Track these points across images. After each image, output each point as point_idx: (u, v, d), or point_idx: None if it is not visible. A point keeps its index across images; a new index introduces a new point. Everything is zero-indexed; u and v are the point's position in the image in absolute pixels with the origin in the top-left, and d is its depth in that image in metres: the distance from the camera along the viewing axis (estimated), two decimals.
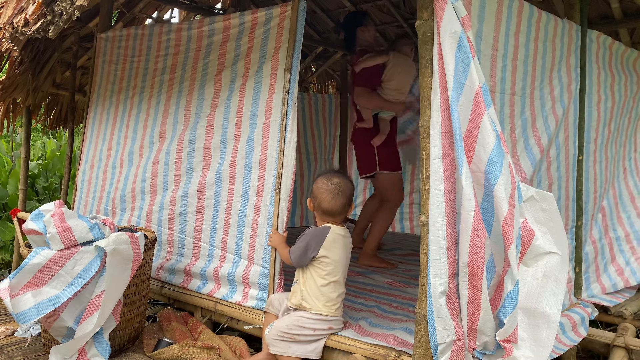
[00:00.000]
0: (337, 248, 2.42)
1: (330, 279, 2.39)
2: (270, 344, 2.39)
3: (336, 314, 2.41)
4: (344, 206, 2.46)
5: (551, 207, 1.99)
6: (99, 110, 3.81)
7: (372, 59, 3.58)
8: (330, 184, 2.46)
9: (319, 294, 2.38)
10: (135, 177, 3.42)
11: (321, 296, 2.38)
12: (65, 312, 2.36)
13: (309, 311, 2.38)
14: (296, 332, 2.35)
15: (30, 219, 2.44)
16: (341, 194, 2.45)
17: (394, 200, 3.76)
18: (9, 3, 3.38)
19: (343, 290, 2.45)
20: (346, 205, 2.47)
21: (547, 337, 1.90)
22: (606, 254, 3.16)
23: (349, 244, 2.50)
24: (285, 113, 2.65)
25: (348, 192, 2.48)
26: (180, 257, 3.12)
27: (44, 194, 6.29)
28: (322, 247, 2.39)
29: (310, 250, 2.40)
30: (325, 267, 2.39)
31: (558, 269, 1.94)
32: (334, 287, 2.40)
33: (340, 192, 2.45)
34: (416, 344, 2.03)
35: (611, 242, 3.21)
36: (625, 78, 3.26)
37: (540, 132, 2.51)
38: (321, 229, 2.44)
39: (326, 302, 2.38)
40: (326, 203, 2.44)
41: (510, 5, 2.30)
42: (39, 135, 9.89)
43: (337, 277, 2.41)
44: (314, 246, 2.40)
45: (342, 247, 2.45)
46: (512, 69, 2.35)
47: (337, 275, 2.40)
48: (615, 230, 3.24)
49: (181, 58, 3.30)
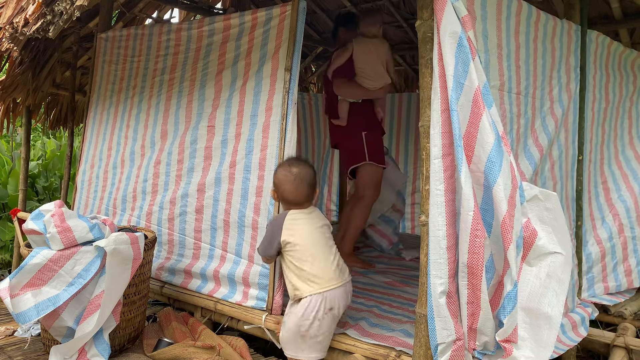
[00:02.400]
0: (300, 227, 2.40)
1: (304, 263, 2.35)
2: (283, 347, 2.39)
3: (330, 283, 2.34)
4: (307, 195, 2.45)
5: (555, 206, 1.98)
6: (99, 110, 3.81)
7: (339, 58, 3.58)
8: (290, 175, 2.44)
9: (302, 277, 2.35)
10: (137, 177, 3.42)
11: (306, 279, 2.35)
12: (65, 312, 2.36)
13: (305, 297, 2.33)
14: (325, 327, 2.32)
15: (30, 219, 2.44)
16: (303, 182, 2.43)
17: (370, 196, 3.68)
18: (9, 3, 3.38)
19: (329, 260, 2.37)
20: (310, 194, 2.46)
21: (549, 337, 1.90)
22: (618, 253, 3.13)
23: (317, 219, 2.45)
24: (285, 113, 2.65)
25: (309, 179, 2.46)
26: (181, 257, 3.12)
27: (44, 194, 6.29)
28: (284, 230, 2.38)
29: (274, 237, 2.40)
30: (295, 254, 2.37)
31: (561, 269, 1.93)
32: (312, 265, 2.35)
33: (301, 180, 2.43)
34: (416, 344, 2.03)
35: (626, 241, 3.17)
36: (621, 78, 3.25)
37: (538, 132, 2.51)
38: (279, 215, 2.47)
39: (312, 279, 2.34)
40: (289, 194, 2.44)
41: (509, 5, 2.30)
42: (39, 135, 9.90)
43: (310, 258, 2.36)
44: (276, 232, 2.40)
45: (307, 224, 2.41)
46: (516, 68, 2.36)
47: (309, 257, 2.36)
48: (633, 229, 3.21)
49: (181, 58, 3.30)
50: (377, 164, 3.65)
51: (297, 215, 2.44)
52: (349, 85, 3.60)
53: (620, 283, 3.14)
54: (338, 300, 2.35)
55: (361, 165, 3.66)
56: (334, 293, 2.34)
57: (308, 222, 2.44)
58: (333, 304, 2.32)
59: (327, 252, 2.40)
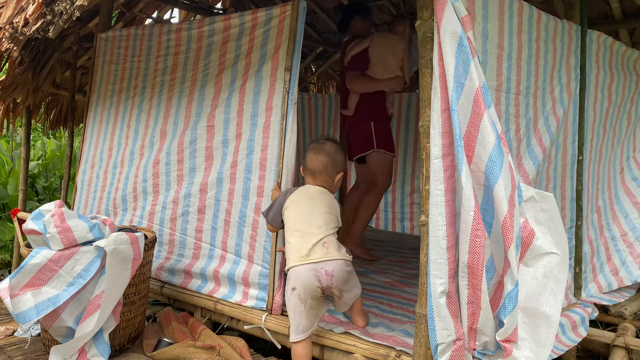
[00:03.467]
0: (300, 201, 2.41)
1: (289, 237, 2.36)
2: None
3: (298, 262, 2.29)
4: (325, 165, 2.45)
5: (551, 207, 1.99)
6: (99, 110, 3.81)
7: (357, 46, 3.67)
8: (317, 144, 2.52)
9: (287, 250, 2.37)
10: (136, 177, 3.42)
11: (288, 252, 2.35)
12: (65, 312, 2.36)
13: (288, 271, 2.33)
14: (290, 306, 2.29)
15: (30, 219, 2.44)
16: (323, 152, 2.46)
17: (382, 183, 3.72)
18: (9, 3, 3.38)
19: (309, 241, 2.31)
20: (328, 165, 2.45)
21: (547, 337, 1.90)
22: (601, 254, 3.15)
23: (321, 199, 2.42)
24: (285, 113, 2.65)
25: (332, 152, 2.46)
26: (181, 257, 3.12)
27: (44, 194, 6.29)
28: (288, 200, 2.41)
29: (280, 204, 2.43)
30: (287, 224, 2.40)
31: (558, 269, 1.94)
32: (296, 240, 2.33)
33: (323, 150, 2.47)
34: (416, 344, 2.03)
35: (606, 242, 3.20)
36: (625, 78, 3.26)
37: (541, 132, 2.51)
38: (292, 187, 2.52)
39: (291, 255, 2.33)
40: (308, 160, 2.49)
41: (511, 5, 2.30)
42: (39, 135, 9.89)
43: (296, 233, 2.34)
44: (282, 200, 2.44)
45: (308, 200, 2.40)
46: (517, 68, 2.36)
47: (294, 232, 2.34)
48: (610, 230, 3.23)
49: (182, 58, 3.30)
50: (386, 151, 3.70)
51: (304, 190, 2.44)
52: (360, 79, 3.69)
53: (610, 282, 3.15)
54: (301, 281, 2.26)
55: (371, 153, 3.71)
56: (297, 271, 2.28)
57: (310, 199, 2.41)
58: (296, 284, 2.27)
59: (312, 232, 2.32)
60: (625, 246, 3.28)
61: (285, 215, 2.42)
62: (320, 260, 2.27)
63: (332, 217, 2.41)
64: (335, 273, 2.28)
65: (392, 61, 3.67)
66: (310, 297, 2.27)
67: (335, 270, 2.28)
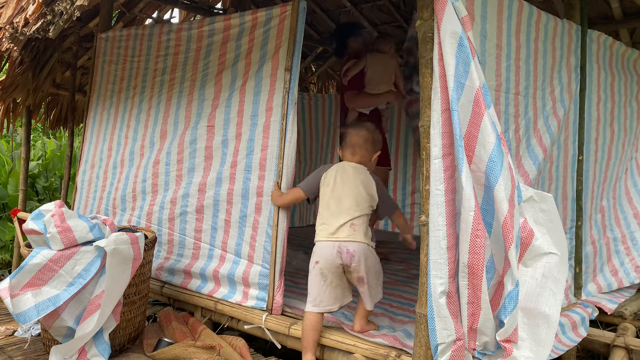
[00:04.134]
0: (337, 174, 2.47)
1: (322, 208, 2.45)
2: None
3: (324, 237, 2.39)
4: (366, 139, 2.51)
5: (550, 207, 1.99)
6: (99, 110, 3.81)
7: (354, 68, 3.84)
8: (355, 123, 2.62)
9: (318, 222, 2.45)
10: (136, 177, 3.42)
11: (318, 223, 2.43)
12: (65, 312, 2.36)
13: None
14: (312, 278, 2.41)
15: (30, 219, 2.44)
16: (364, 128, 2.55)
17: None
18: (9, 3, 3.38)
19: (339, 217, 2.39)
20: (369, 139, 2.52)
21: (547, 337, 1.90)
22: (603, 254, 3.16)
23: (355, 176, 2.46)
24: (285, 113, 2.65)
25: (372, 129, 2.56)
26: (180, 257, 3.12)
27: (44, 194, 6.29)
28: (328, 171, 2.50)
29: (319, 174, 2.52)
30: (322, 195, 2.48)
31: (557, 269, 1.94)
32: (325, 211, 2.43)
33: (364, 126, 2.56)
34: (416, 344, 2.03)
35: (609, 242, 3.20)
36: (626, 78, 3.26)
37: (541, 132, 2.51)
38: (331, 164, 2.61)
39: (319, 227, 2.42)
40: (349, 136, 2.54)
41: (510, 5, 2.30)
42: (39, 135, 9.89)
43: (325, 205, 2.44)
44: (321, 171, 2.54)
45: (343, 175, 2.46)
46: (516, 68, 2.36)
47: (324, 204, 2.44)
48: (612, 230, 3.24)
49: (181, 58, 3.29)
50: (381, 166, 3.79)
51: (341, 168, 2.50)
52: (357, 97, 3.85)
53: (610, 282, 3.16)
54: (323, 255, 2.36)
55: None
56: (322, 246, 2.38)
57: (346, 178, 2.46)
58: (319, 258, 2.38)
59: (341, 212, 2.39)
60: (624, 248, 3.29)
61: (321, 191, 2.51)
62: (344, 239, 2.35)
63: (365, 198, 2.43)
64: (356, 254, 2.34)
65: (385, 77, 3.86)
66: (331, 273, 2.36)
67: (356, 251, 2.34)
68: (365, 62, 3.83)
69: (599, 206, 3.11)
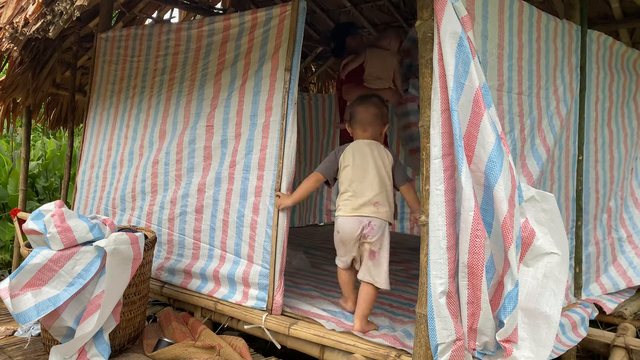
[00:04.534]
0: (356, 153, 2.56)
1: (343, 186, 2.55)
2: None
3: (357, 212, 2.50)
4: (376, 116, 2.60)
5: (552, 207, 1.99)
6: (99, 110, 3.81)
7: (352, 62, 3.84)
8: (361, 99, 2.67)
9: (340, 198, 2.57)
10: (135, 177, 3.42)
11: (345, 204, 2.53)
12: (65, 312, 2.36)
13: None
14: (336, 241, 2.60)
15: (30, 219, 2.44)
16: (372, 104, 2.62)
17: None
18: (9, 3, 3.38)
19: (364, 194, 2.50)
20: (378, 116, 2.60)
21: (547, 337, 1.90)
22: (608, 254, 3.15)
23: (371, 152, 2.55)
24: (285, 113, 2.65)
25: (379, 104, 2.63)
26: (180, 257, 3.12)
27: (44, 194, 6.29)
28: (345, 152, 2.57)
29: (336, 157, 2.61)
30: (344, 174, 2.57)
31: (558, 269, 1.94)
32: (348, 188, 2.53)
33: (372, 103, 2.63)
34: (416, 344, 2.03)
35: (613, 242, 3.20)
36: (625, 78, 3.26)
37: (545, 132, 2.51)
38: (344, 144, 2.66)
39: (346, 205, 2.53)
40: (358, 114, 2.62)
41: (511, 5, 2.30)
42: (39, 135, 9.89)
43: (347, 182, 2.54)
44: (338, 154, 2.61)
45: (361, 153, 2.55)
46: (518, 68, 2.36)
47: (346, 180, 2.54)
48: (617, 231, 3.23)
49: (181, 58, 3.29)
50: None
51: (356, 147, 2.58)
52: (355, 89, 3.82)
53: (617, 282, 3.15)
54: (344, 229, 2.53)
55: None
56: (344, 220, 2.53)
57: (364, 157, 2.55)
58: (340, 229, 2.55)
59: (365, 192, 2.51)
60: (631, 247, 3.28)
61: (342, 174, 2.60)
62: (368, 215, 2.49)
63: (384, 173, 2.54)
64: (375, 227, 2.49)
65: (385, 74, 3.84)
66: (349, 242, 2.55)
67: (376, 226, 2.50)
68: (365, 57, 3.82)
69: (605, 206, 3.11)
